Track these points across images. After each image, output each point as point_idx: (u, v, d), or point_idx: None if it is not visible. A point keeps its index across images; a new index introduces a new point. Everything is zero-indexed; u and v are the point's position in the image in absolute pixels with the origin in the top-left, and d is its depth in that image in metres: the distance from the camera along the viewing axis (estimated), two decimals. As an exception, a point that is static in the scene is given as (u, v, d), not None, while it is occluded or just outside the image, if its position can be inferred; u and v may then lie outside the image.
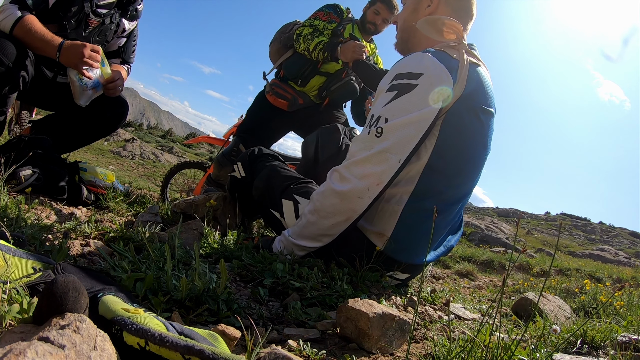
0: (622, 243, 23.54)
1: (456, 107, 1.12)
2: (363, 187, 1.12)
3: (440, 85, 1.08)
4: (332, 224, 1.18)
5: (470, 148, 1.20)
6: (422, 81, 1.08)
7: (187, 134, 44.60)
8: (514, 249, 1.49)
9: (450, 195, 1.23)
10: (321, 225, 1.20)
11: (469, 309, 1.50)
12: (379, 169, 1.11)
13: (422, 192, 1.17)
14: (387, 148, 1.10)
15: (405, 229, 1.20)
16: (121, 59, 2.07)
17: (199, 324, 0.80)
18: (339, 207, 1.15)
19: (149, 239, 1.17)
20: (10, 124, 2.34)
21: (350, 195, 1.13)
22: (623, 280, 4.89)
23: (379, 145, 1.11)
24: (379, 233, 1.23)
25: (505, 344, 0.72)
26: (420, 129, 1.09)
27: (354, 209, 1.14)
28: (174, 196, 3.80)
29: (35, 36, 1.58)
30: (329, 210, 1.17)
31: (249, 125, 2.66)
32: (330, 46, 2.22)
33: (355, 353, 0.80)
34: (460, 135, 1.16)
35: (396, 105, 1.11)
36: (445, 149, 1.14)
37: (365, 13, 2.50)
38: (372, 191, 1.12)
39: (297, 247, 1.27)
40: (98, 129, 1.99)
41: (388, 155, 1.11)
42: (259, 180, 1.56)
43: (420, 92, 1.08)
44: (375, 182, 1.11)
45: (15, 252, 0.69)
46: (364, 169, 1.12)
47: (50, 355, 0.38)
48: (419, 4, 1.33)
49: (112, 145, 15.48)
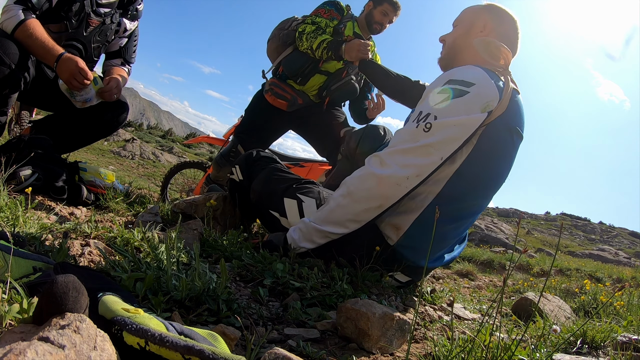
0: (622, 243, 23.53)
1: (496, 122, 1.17)
2: (403, 175, 1.14)
3: (489, 97, 1.14)
4: (364, 208, 1.19)
5: (498, 164, 1.26)
6: (473, 90, 1.14)
7: (187, 134, 44.60)
8: (514, 249, 1.48)
9: (469, 205, 1.28)
10: (352, 209, 1.20)
11: (469, 309, 1.50)
12: (421, 161, 1.14)
13: (446, 196, 1.20)
14: (432, 143, 1.14)
15: (421, 228, 1.23)
16: (122, 59, 2.07)
17: (199, 324, 0.80)
18: (374, 191, 1.17)
19: (149, 239, 1.17)
20: (10, 124, 2.35)
21: (389, 181, 1.15)
22: (623, 280, 4.89)
23: (425, 140, 1.15)
24: (395, 226, 1.24)
25: (505, 344, 0.72)
26: (465, 132, 1.14)
27: (389, 195, 1.16)
28: (174, 196, 3.80)
29: (36, 42, 1.58)
30: (363, 194, 1.18)
31: (248, 126, 2.64)
32: (335, 45, 2.18)
33: (355, 353, 0.80)
34: (493, 149, 1.21)
35: (447, 105, 1.15)
36: (477, 159, 1.19)
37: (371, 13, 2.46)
38: (410, 181, 1.15)
39: (319, 233, 1.26)
40: (98, 129, 1.99)
41: (432, 150, 1.14)
42: (257, 183, 1.57)
43: (471, 98, 1.14)
44: (415, 174, 1.15)
45: (15, 252, 0.69)
46: (407, 159, 1.15)
47: (50, 355, 0.38)
48: (472, 27, 1.40)
49: (112, 145, 15.48)
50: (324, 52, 2.24)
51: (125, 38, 2.04)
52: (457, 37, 1.44)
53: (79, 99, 1.73)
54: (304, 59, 2.40)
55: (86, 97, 1.74)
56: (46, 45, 1.59)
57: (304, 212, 1.40)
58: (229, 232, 1.56)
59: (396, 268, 1.31)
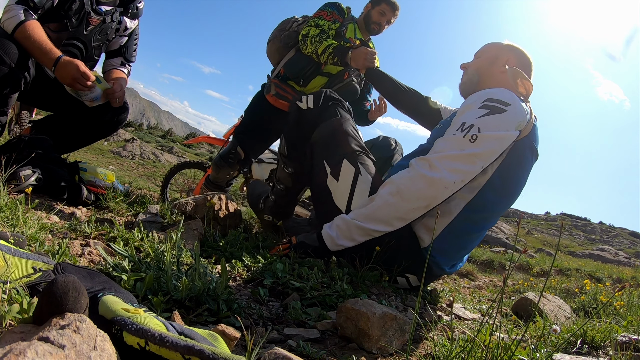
0: (622, 243, 23.52)
1: (523, 141, 1.32)
2: (451, 179, 1.24)
3: (521, 117, 1.29)
4: (413, 207, 1.27)
5: (520, 178, 1.39)
6: (510, 109, 1.28)
7: (187, 134, 44.58)
8: (514, 249, 1.48)
9: (493, 215, 1.41)
10: (400, 208, 1.27)
11: (469, 309, 1.50)
12: (466, 168, 1.25)
13: (477, 204, 1.32)
14: (477, 154, 1.25)
15: (452, 233, 1.33)
16: (122, 58, 2.06)
17: (199, 324, 0.80)
18: (424, 192, 1.25)
19: (149, 239, 1.17)
20: (10, 124, 2.35)
21: (439, 184, 1.24)
22: (623, 280, 4.89)
23: (471, 149, 1.25)
24: (429, 228, 1.33)
25: (505, 344, 0.72)
26: (503, 146, 1.27)
27: (437, 196, 1.25)
28: (174, 196, 3.79)
29: (34, 45, 1.57)
30: (413, 194, 1.26)
31: (248, 127, 2.62)
32: (341, 51, 2.16)
33: (355, 353, 0.80)
34: (518, 164, 1.34)
35: (489, 120, 1.27)
36: (505, 172, 1.32)
37: (370, 13, 2.47)
38: (456, 185, 1.25)
39: (360, 230, 1.30)
40: (98, 129, 1.99)
41: (476, 159, 1.26)
42: (326, 126, 1.53)
43: (509, 116, 1.27)
44: (461, 179, 1.25)
45: (15, 252, 0.69)
46: (455, 165, 1.26)
47: (50, 355, 0.38)
48: (496, 60, 1.55)
49: (112, 145, 15.48)
50: (329, 58, 2.21)
51: (125, 37, 2.03)
52: (480, 66, 1.57)
53: (86, 98, 1.73)
54: (306, 61, 2.39)
55: (93, 96, 1.74)
56: (44, 47, 1.58)
57: (356, 184, 1.41)
58: (229, 232, 1.56)
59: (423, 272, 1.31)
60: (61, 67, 1.60)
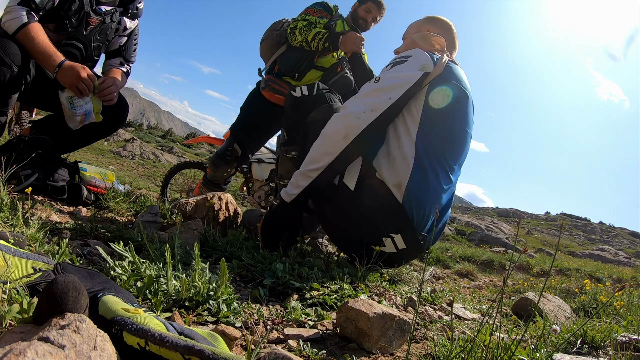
0: (622, 243, 23.52)
1: (435, 81, 1.50)
2: (360, 110, 1.45)
3: (424, 62, 1.50)
4: (334, 141, 1.45)
5: (453, 120, 1.54)
6: (410, 59, 1.52)
7: (187, 134, 44.54)
8: (514, 249, 1.48)
9: (444, 159, 1.52)
10: (324, 145, 1.46)
11: (469, 309, 1.50)
12: (373, 100, 1.46)
13: (423, 152, 1.46)
14: (380, 88, 1.48)
15: (416, 183, 1.45)
16: (122, 58, 2.06)
17: (199, 324, 0.80)
18: (339, 125, 1.45)
19: (149, 239, 1.17)
20: (10, 124, 2.34)
21: (349, 116, 1.44)
22: (623, 280, 4.89)
23: (375, 86, 1.50)
24: (398, 184, 1.46)
25: (505, 344, 0.72)
26: (408, 82, 1.46)
27: (351, 126, 1.43)
28: (174, 196, 3.79)
29: (37, 47, 1.57)
30: (332, 130, 1.46)
31: (244, 123, 2.64)
32: (333, 36, 2.29)
33: (355, 353, 0.80)
34: (441, 99, 1.49)
35: (392, 69, 1.52)
36: (431, 113, 1.48)
37: (357, 11, 2.60)
38: (367, 115, 1.44)
39: (302, 175, 1.48)
40: (98, 129, 1.99)
41: (380, 93, 1.47)
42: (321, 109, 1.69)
43: (409, 63, 1.51)
44: (370, 109, 1.45)
45: (15, 252, 0.69)
46: (362, 100, 1.48)
47: (50, 355, 0.38)
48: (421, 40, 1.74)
49: (112, 145, 15.48)
50: (320, 43, 2.31)
51: (125, 37, 2.03)
52: (408, 46, 1.77)
53: (79, 110, 1.70)
54: (299, 54, 2.46)
55: (85, 109, 1.72)
56: (47, 51, 1.59)
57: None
58: (229, 232, 1.56)
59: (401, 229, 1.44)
60: (65, 69, 1.60)
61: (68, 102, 1.68)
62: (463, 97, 1.54)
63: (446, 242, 9.52)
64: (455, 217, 17.16)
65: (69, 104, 1.68)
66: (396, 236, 1.46)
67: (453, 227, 14.29)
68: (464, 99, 1.55)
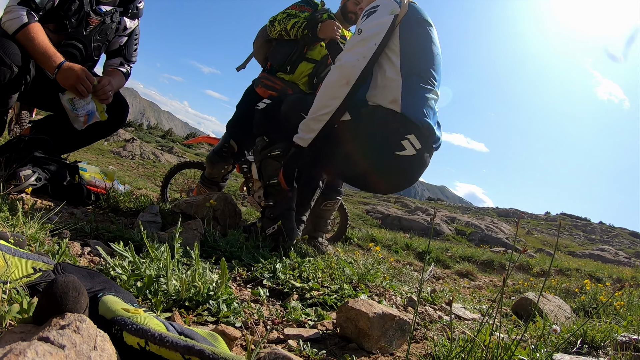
0: (622, 243, 23.51)
1: (405, 19, 1.77)
2: (353, 59, 1.71)
3: (391, 7, 1.74)
4: (338, 86, 1.71)
5: (423, 42, 1.82)
6: (379, 8, 1.76)
7: (187, 134, 44.52)
8: (514, 249, 1.48)
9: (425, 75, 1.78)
10: (329, 91, 1.72)
11: (469, 309, 1.50)
12: (361, 49, 1.72)
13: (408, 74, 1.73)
14: (364, 38, 1.72)
15: (408, 95, 1.71)
16: (122, 58, 2.06)
17: (199, 324, 0.80)
18: (339, 75, 1.72)
19: (149, 239, 1.17)
20: (10, 124, 2.34)
21: (346, 65, 1.71)
22: (623, 280, 4.88)
23: (359, 38, 1.73)
24: (393, 100, 1.71)
25: (505, 344, 0.72)
26: (384, 27, 1.72)
27: (349, 73, 1.70)
28: (174, 196, 3.79)
29: (37, 48, 1.57)
30: (333, 79, 1.72)
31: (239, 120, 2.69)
32: (312, 23, 2.39)
33: (355, 353, 0.80)
34: (415, 34, 1.77)
35: (368, 20, 1.76)
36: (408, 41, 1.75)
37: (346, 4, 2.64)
38: (360, 62, 1.70)
39: (313, 120, 1.73)
40: (98, 129, 1.99)
41: (365, 42, 1.72)
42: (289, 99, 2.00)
43: (380, 10, 1.75)
44: (362, 55, 1.71)
45: (15, 252, 0.69)
46: (352, 51, 1.73)
47: (50, 355, 0.38)
48: None
49: (112, 145, 15.48)
50: (299, 30, 2.40)
51: (125, 37, 2.03)
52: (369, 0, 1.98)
53: (81, 112, 1.71)
54: (288, 47, 2.51)
55: (87, 109, 1.73)
56: (47, 52, 1.59)
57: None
58: (229, 232, 1.56)
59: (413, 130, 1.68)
60: (64, 70, 1.60)
61: (69, 104, 1.68)
62: (427, 25, 1.86)
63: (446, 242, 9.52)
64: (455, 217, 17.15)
65: (70, 105, 1.69)
66: (410, 136, 1.70)
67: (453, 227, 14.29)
68: (429, 27, 1.87)
